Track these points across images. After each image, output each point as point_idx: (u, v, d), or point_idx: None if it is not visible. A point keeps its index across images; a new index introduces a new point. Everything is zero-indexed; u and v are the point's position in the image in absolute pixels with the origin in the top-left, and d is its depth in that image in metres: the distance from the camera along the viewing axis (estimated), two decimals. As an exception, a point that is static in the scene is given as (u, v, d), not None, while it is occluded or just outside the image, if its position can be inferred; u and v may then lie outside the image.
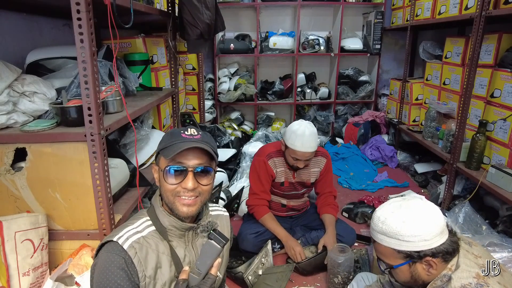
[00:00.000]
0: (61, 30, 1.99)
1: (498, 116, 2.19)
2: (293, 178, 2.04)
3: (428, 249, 1.02)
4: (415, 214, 1.04)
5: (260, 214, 2.01)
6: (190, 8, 2.03)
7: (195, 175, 0.97)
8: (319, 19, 4.05)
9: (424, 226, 1.02)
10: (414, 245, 1.02)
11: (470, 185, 2.50)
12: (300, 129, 1.83)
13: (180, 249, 1.02)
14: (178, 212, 0.98)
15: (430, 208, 1.06)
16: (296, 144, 1.82)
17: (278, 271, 1.76)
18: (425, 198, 1.13)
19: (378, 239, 1.09)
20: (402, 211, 1.05)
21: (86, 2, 1.09)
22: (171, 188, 0.97)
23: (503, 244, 1.84)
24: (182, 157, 0.96)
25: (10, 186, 1.28)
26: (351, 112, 4.24)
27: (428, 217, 1.03)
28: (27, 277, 1.19)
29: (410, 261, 1.05)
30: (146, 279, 0.94)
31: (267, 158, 1.99)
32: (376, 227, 1.09)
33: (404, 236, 1.02)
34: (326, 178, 2.12)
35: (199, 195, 0.99)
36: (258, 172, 1.99)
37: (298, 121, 1.91)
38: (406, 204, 1.07)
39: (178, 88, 2.53)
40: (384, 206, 1.11)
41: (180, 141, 0.96)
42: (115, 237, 0.94)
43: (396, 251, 1.05)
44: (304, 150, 1.83)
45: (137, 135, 1.80)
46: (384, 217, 1.07)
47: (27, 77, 1.31)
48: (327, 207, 2.08)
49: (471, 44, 2.26)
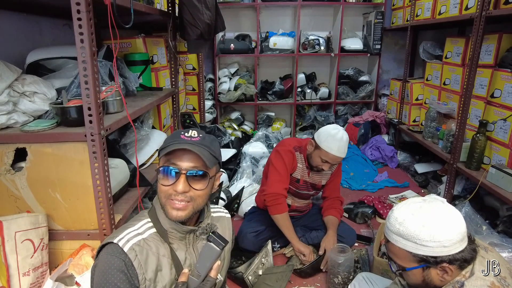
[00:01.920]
0: (61, 30, 1.99)
1: (498, 116, 2.19)
2: (307, 177, 2.04)
3: (445, 256, 0.97)
4: (436, 218, 0.98)
5: (279, 211, 1.91)
6: (190, 8, 2.03)
7: (188, 178, 0.94)
8: (319, 19, 4.05)
9: (445, 232, 0.97)
10: (432, 250, 0.98)
11: (470, 185, 2.50)
12: (339, 133, 1.83)
13: (181, 252, 1.01)
14: (168, 215, 0.96)
15: (452, 213, 1.01)
16: (333, 148, 1.82)
17: (278, 271, 1.76)
18: None
19: (393, 239, 1.04)
20: (423, 214, 1.00)
21: (86, 2, 1.09)
22: (164, 190, 0.95)
23: (503, 244, 1.84)
24: (177, 158, 0.94)
25: (10, 186, 1.28)
26: (351, 112, 4.24)
27: (450, 223, 0.98)
28: (27, 277, 1.19)
29: (425, 265, 1.01)
30: (146, 282, 0.93)
31: (295, 150, 1.98)
32: (392, 228, 1.04)
33: (423, 240, 0.97)
34: (335, 182, 2.12)
35: (191, 200, 0.96)
36: (284, 160, 1.93)
37: (334, 125, 1.90)
38: (427, 206, 1.01)
39: (178, 88, 2.53)
40: (403, 206, 1.05)
41: (176, 142, 0.94)
42: (115, 239, 0.94)
43: (411, 254, 1.01)
44: (338, 155, 1.83)
45: (137, 135, 1.80)
46: (403, 219, 1.01)
47: (27, 77, 1.31)
48: (332, 209, 2.08)
49: (471, 44, 2.26)
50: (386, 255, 1.18)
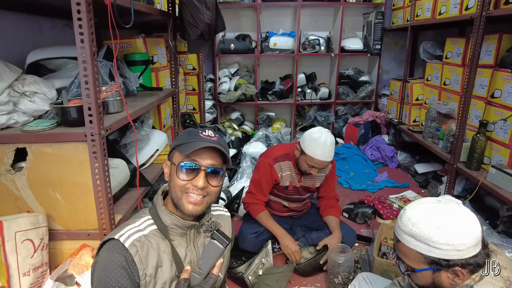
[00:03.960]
0: (62, 30, 1.99)
1: (499, 117, 2.19)
2: (298, 183, 2.02)
3: (458, 259, 0.95)
4: (451, 221, 0.95)
5: (256, 212, 2.00)
6: (190, 8, 2.03)
7: (207, 174, 0.98)
8: (319, 19, 4.05)
9: (460, 235, 0.94)
10: (444, 253, 0.95)
11: (470, 185, 2.50)
12: (322, 137, 1.79)
13: (181, 248, 1.02)
14: (183, 209, 0.99)
15: (468, 216, 0.97)
16: (317, 153, 1.78)
17: (278, 271, 1.76)
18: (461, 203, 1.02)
19: (404, 240, 1.01)
20: (437, 216, 0.97)
21: (87, 2, 1.09)
22: (181, 184, 0.98)
23: (504, 245, 1.84)
24: (197, 155, 0.98)
25: (10, 186, 1.28)
26: (352, 112, 4.24)
27: (466, 227, 0.95)
28: (27, 277, 1.19)
29: (436, 267, 0.98)
30: (147, 278, 0.94)
31: (274, 162, 1.96)
32: (404, 228, 1.01)
33: (436, 243, 0.95)
34: (331, 183, 2.10)
35: (207, 195, 1.00)
36: (262, 173, 1.97)
37: (317, 128, 1.86)
38: (442, 208, 0.98)
39: (178, 88, 2.54)
40: (416, 206, 1.02)
41: (198, 140, 0.98)
42: (116, 235, 0.95)
43: (423, 255, 0.98)
44: (323, 159, 1.79)
45: (137, 135, 1.80)
46: (416, 219, 0.98)
47: (27, 77, 1.31)
48: (331, 209, 2.07)
49: (472, 44, 2.26)
50: (395, 255, 1.16)
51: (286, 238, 1.93)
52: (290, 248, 1.90)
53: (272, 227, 1.98)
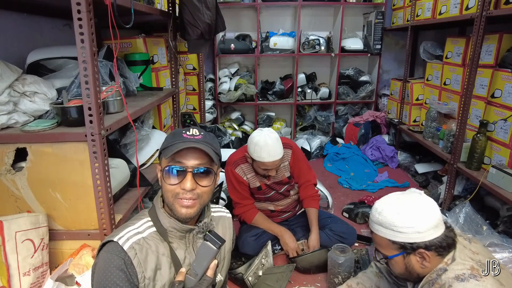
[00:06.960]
0: (62, 30, 1.99)
1: (499, 116, 2.19)
2: (267, 181, 1.98)
3: (421, 242, 1.06)
4: (410, 206, 1.08)
5: (250, 218, 2.00)
6: (190, 8, 2.03)
7: (194, 176, 0.96)
8: (319, 19, 4.05)
9: (418, 218, 1.06)
10: (407, 236, 1.07)
11: (470, 185, 2.50)
12: (261, 139, 1.76)
13: (181, 251, 1.02)
14: (177, 213, 0.97)
15: (426, 202, 1.10)
16: (263, 156, 1.76)
17: (278, 271, 1.76)
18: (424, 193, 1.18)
19: (375, 229, 1.15)
20: (399, 203, 1.10)
21: (87, 2, 1.09)
22: (170, 189, 0.97)
23: (504, 245, 1.84)
24: (182, 157, 0.95)
25: (10, 186, 1.28)
26: (352, 112, 4.24)
27: (423, 210, 1.07)
28: (27, 277, 1.19)
29: (404, 252, 1.10)
30: (146, 281, 0.94)
31: (234, 167, 1.94)
32: (373, 218, 1.15)
33: (398, 227, 1.07)
34: (300, 167, 2.03)
35: (198, 197, 0.98)
36: (231, 181, 1.97)
37: (257, 131, 1.84)
38: (404, 197, 1.12)
39: (178, 88, 2.54)
40: (383, 198, 1.17)
41: (180, 141, 0.95)
42: (115, 237, 0.94)
43: (391, 241, 1.10)
44: (272, 159, 1.77)
45: (137, 135, 1.80)
46: (381, 209, 1.12)
47: (27, 77, 1.31)
48: (308, 199, 2.05)
49: (472, 44, 2.25)
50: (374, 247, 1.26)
51: (286, 235, 1.94)
52: (289, 245, 1.92)
53: (269, 226, 1.98)
